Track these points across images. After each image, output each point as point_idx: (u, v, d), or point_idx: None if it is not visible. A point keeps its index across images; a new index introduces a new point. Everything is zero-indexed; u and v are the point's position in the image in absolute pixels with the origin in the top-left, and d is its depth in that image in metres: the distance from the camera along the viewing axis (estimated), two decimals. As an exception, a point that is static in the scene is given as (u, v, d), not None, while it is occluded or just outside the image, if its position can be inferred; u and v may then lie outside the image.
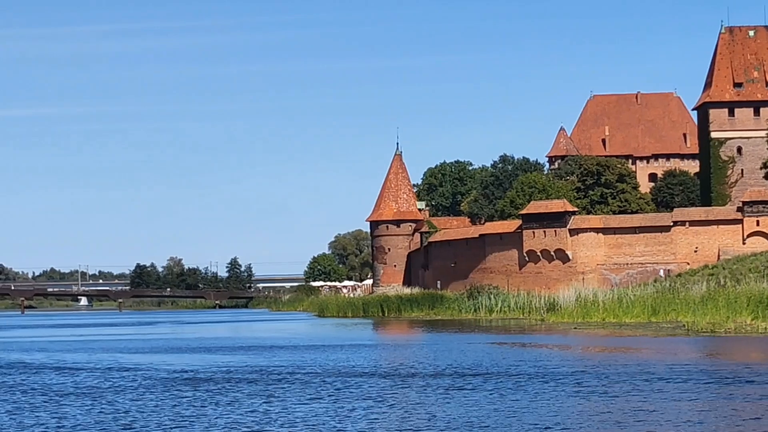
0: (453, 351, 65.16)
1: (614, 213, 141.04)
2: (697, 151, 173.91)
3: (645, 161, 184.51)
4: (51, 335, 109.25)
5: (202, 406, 40.21)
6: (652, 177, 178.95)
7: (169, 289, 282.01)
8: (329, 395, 42.85)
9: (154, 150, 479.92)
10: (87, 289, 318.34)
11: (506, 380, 46.48)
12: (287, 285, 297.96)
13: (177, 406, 40.57)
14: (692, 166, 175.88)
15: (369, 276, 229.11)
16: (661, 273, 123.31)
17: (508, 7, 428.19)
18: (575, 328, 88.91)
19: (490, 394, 41.83)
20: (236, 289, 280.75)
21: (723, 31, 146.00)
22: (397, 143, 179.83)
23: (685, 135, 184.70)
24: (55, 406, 41.25)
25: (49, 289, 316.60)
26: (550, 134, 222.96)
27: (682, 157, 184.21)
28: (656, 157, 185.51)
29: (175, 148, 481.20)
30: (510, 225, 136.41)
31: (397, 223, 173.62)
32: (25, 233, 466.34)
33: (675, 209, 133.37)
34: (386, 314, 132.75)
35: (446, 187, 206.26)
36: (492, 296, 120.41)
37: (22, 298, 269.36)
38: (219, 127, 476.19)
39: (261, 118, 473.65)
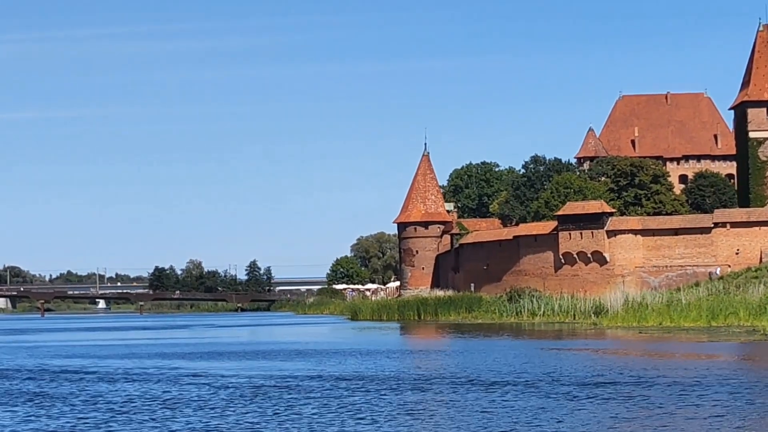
0: (534, 357, 62.38)
1: (648, 214, 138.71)
2: (728, 152, 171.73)
3: (675, 162, 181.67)
4: (82, 339, 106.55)
5: (294, 422, 37.50)
6: (683, 178, 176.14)
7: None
8: (443, 404, 40.73)
9: (172, 152, 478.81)
10: (107, 291, 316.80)
11: (625, 389, 44.04)
12: (304, 288, 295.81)
13: (266, 421, 37.81)
14: (723, 168, 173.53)
15: (392, 279, 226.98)
16: (717, 272, 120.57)
17: (535, 7, 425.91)
18: (640, 332, 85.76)
19: (623, 404, 39.65)
20: (256, 291, 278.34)
21: (761, 29, 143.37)
22: (425, 144, 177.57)
23: (716, 136, 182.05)
24: (133, 423, 38.49)
25: (69, 292, 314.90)
26: (578, 135, 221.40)
27: (713, 158, 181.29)
28: (687, 158, 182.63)
29: (193, 150, 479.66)
30: (545, 226, 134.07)
31: (426, 224, 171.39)
32: (42, 236, 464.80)
33: (715, 210, 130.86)
34: (422, 317, 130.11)
35: (472, 189, 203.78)
36: (534, 299, 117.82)
37: (42, 301, 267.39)
38: (238, 129, 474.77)
39: (280, 120, 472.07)
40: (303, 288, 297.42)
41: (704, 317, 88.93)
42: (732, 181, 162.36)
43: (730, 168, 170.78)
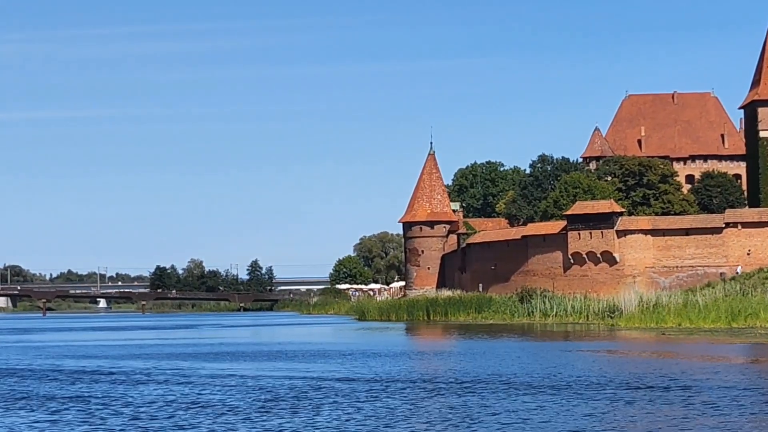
0: (569, 360, 60.10)
1: (657, 214, 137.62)
2: (735, 152, 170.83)
3: (682, 162, 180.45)
4: (91, 339, 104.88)
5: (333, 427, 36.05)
6: (689, 179, 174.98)
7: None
8: (489, 409, 39.25)
9: (173, 151, 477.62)
10: (109, 291, 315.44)
11: (678, 393, 42.73)
12: (303, 288, 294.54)
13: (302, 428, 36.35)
14: (731, 168, 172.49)
15: (396, 279, 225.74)
16: (739, 270, 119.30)
17: (541, 6, 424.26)
18: (663, 334, 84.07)
19: (680, 408, 38.43)
20: (257, 291, 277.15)
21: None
22: (431, 143, 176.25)
23: (722, 136, 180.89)
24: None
25: (70, 291, 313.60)
26: (584, 135, 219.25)
27: (720, 158, 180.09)
28: (693, 158, 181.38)
29: (194, 150, 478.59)
30: (554, 226, 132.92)
31: (431, 224, 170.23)
32: (42, 235, 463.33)
33: (727, 210, 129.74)
34: (431, 318, 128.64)
35: (477, 189, 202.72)
36: (547, 300, 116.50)
37: (44, 300, 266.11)
38: (239, 129, 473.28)
39: (283, 121, 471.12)
40: (303, 288, 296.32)
41: (723, 318, 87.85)
42: (739, 181, 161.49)
43: (737, 168, 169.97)
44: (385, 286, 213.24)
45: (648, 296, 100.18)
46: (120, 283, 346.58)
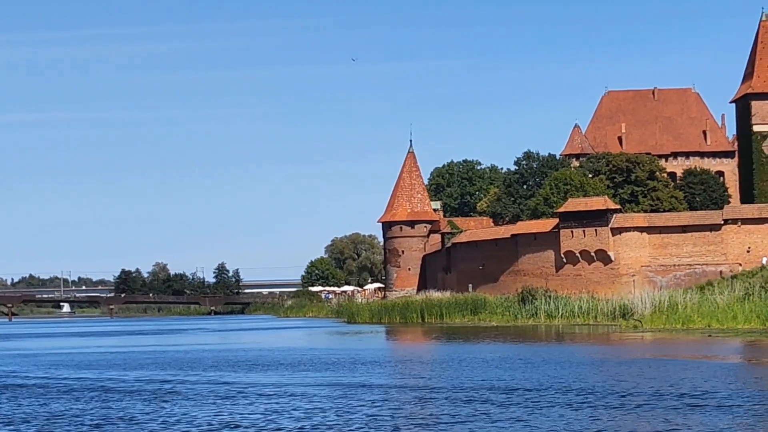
0: (654, 370, 54.33)
1: (645, 212, 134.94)
2: (717, 149, 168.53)
3: (664, 159, 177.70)
4: (82, 346, 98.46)
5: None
6: (671, 176, 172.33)
7: (152, 295, 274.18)
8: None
9: (136, 154, 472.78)
10: (75, 295, 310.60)
11: None
12: (266, 291, 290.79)
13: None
14: (713, 165, 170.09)
15: (369, 280, 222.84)
16: (764, 261, 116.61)
17: (520, 3, 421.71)
18: (709, 336, 79.97)
19: None
20: (225, 294, 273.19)
21: (764, 18, 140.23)
22: (410, 141, 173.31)
23: (704, 132, 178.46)
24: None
25: (37, 296, 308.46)
26: (563, 132, 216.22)
27: (702, 155, 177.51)
28: (675, 155, 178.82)
29: (156, 151, 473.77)
30: (545, 224, 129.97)
31: (412, 224, 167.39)
32: (1, 239, 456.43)
33: (725, 207, 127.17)
34: (425, 320, 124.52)
35: (454, 188, 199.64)
36: (551, 300, 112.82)
37: (10, 305, 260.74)
38: (203, 130, 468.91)
39: (249, 121, 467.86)
40: (266, 291, 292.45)
41: (756, 319, 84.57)
42: (722, 178, 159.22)
43: (719, 165, 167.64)
44: (359, 288, 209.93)
45: (661, 296, 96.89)
46: (83, 287, 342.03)
